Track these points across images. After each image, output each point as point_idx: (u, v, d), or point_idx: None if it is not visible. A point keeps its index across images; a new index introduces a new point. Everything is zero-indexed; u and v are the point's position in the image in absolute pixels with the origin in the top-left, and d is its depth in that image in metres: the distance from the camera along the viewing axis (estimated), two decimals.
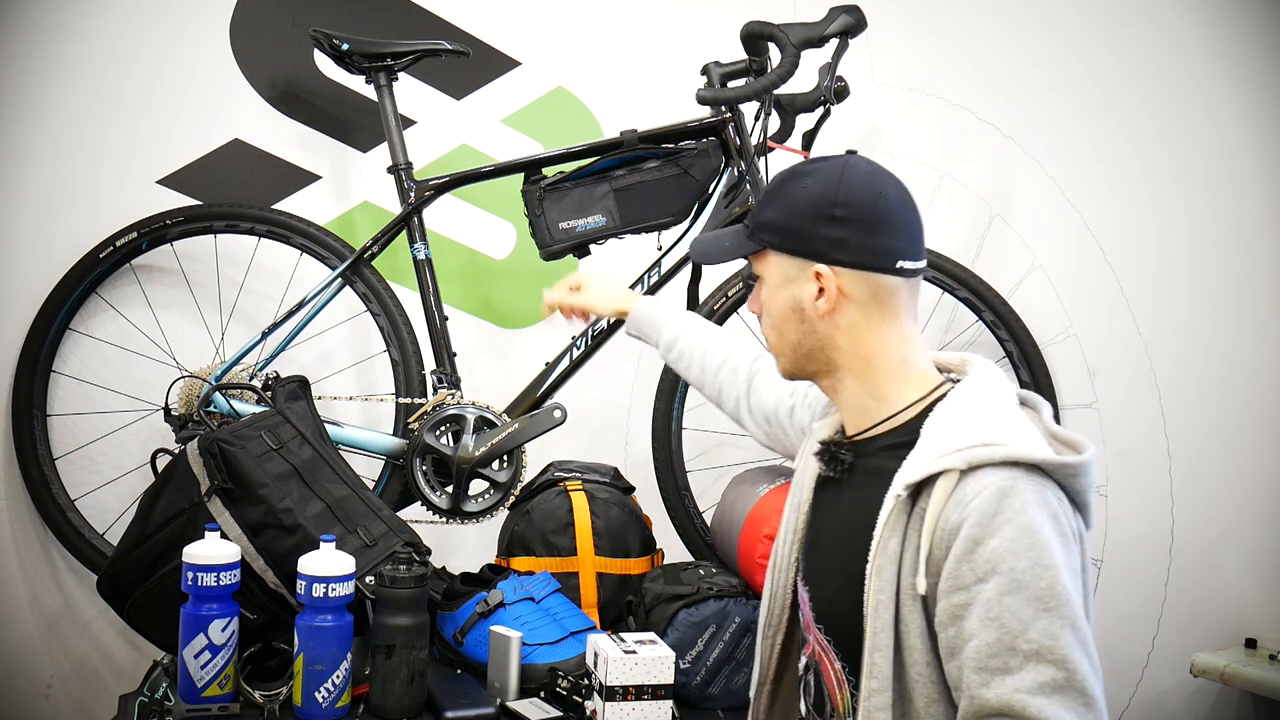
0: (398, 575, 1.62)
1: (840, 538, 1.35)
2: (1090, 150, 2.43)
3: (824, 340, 1.36)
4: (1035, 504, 1.18)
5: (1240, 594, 2.31)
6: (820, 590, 1.39)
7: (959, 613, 1.18)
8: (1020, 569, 1.15)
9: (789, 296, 1.37)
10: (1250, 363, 2.31)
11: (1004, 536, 1.16)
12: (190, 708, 1.58)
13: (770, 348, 1.44)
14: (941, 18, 2.59)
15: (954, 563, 1.18)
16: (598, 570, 2.00)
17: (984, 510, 1.17)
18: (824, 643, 1.37)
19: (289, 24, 2.38)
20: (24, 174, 2.25)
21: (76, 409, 2.28)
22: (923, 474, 1.22)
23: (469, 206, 2.51)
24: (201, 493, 1.69)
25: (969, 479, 1.19)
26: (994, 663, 1.14)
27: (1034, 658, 1.13)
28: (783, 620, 1.48)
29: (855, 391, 1.37)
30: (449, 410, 2.17)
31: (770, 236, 1.39)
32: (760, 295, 1.44)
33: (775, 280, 1.39)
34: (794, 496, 1.48)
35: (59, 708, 2.29)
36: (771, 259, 1.40)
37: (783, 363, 1.44)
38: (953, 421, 1.27)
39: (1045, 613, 1.14)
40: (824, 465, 1.41)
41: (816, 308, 1.35)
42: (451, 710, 1.62)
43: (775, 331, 1.42)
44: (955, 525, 1.18)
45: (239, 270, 2.35)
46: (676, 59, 2.40)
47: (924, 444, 1.26)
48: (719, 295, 2.27)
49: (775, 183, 1.41)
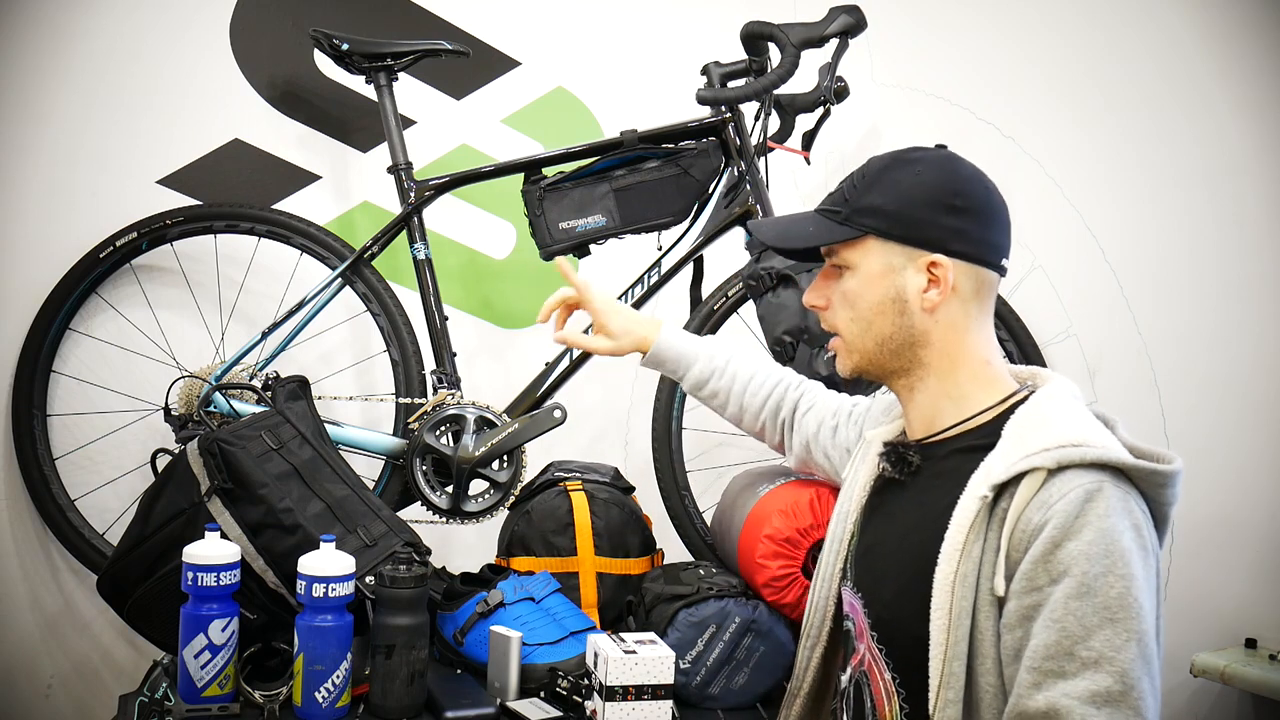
0: (398, 575, 1.62)
1: (904, 542, 1.30)
2: (1090, 150, 2.43)
3: (918, 336, 1.31)
4: (1119, 510, 1.15)
5: (1240, 594, 2.31)
6: (876, 596, 1.34)
7: (1029, 614, 1.15)
8: (1093, 574, 1.11)
9: (890, 287, 1.31)
10: (1250, 362, 2.31)
11: (1082, 539, 1.13)
12: (190, 708, 1.58)
13: (844, 342, 1.38)
14: (941, 18, 2.59)
15: (1030, 563, 1.15)
16: (598, 570, 1.99)
17: (1068, 512, 1.14)
18: (875, 652, 1.32)
19: (289, 24, 2.38)
20: (24, 174, 2.25)
21: (76, 409, 2.28)
22: (1010, 473, 1.19)
23: (469, 206, 2.51)
24: (201, 493, 1.69)
25: (1055, 480, 1.16)
26: (1049, 665, 1.11)
27: (1092, 666, 1.10)
28: (823, 633, 1.44)
29: (934, 392, 1.33)
30: (449, 410, 2.17)
31: (875, 221, 1.31)
32: (835, 287, 1.36)
33: (874, 270, 1.32)
34: (842, 505, 1.44)
35: (59, 708, 2.29)
36: (870, 247, 1.32)
37: (856, 359, 1.37)
38: (1038, 423, 1.23)
39: (1111, 622, 1.11)
40: (890, 466, 1.35)
41: (924, 300, 1.30)
42: (451, 710, 1.61)
43: (860, 324, 1.34)
44: (1037, 526, 1.15)
45: (239, 270, 2.35)
46: (676, 59, 2.40)
47: (1006, 445, 1.23)
48: (719, 295, 2.27)
49: (874, 168, 1.35)
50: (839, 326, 1.37)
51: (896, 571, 1.29)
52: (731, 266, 2.28)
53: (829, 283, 1.38)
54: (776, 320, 2.05)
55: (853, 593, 1.38)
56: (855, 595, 1.38)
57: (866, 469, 1.43)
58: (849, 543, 1.41)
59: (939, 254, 1.29)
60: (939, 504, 1.25)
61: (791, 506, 1.75)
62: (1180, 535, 2.35)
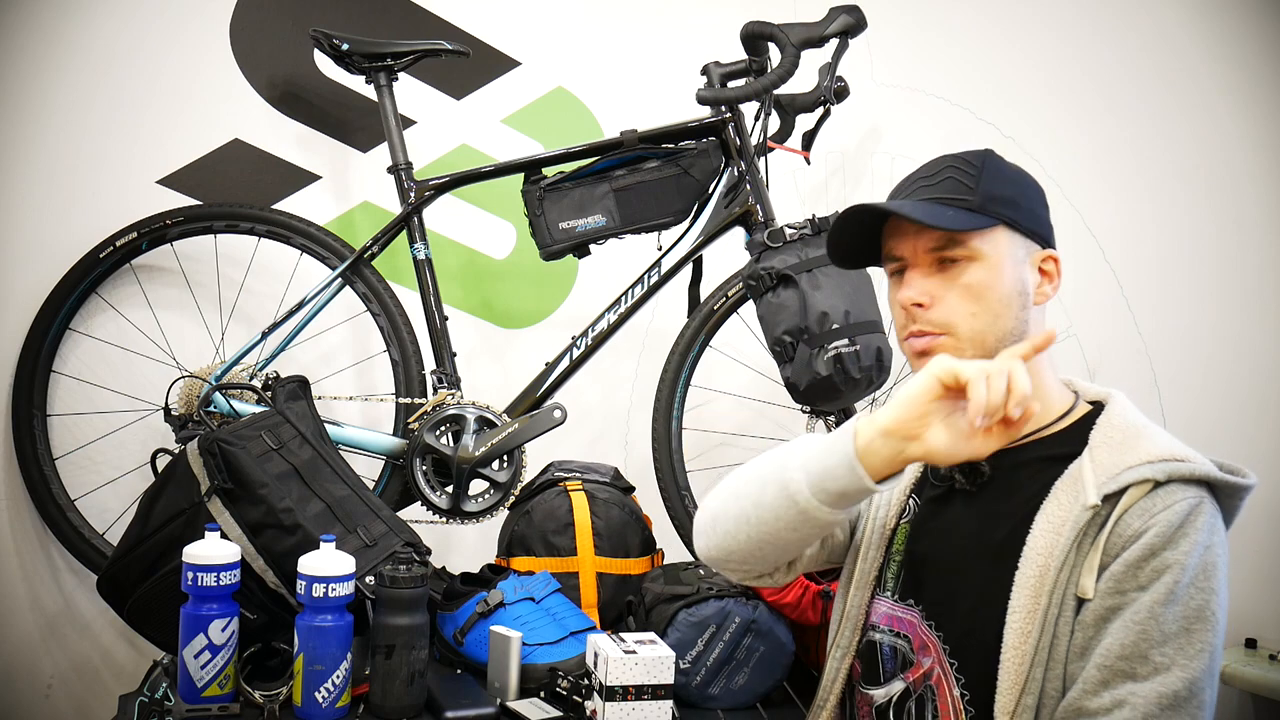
0: (398, 575, 1.62)
1: (981, 552, 1.26)
2: (1090, 150, 2.43)
3: (1027, 332, 1.28)
4: (1213, 527, 1.17)
5: (1240, 594, 2.30)
6: (949, 611, 1.29)
7: (1107, 615, 1.16)
8: (1182, 584, 1.13)
9: (1018, 278, 1.28)
10: (1251, 363, 2.31)
11: (1180, 550, 1.14)
12: (190, 708, 1.58)
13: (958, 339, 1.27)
14: (941, 18, 2.59)
15: (1122, 566, 1.16)
16: (598, 570, 2.00)
17: (1170, 522, 1.15)
18: (947, 668, 1.28)
19: (289, 24, 2.38)
20: (24, 174, 2.25)
21: (76, 409, 2.28)
22: (1119, 484, 1.18)
23: (469, 206, 2.51)
24: (201, 493, 1.69)
25: (1160, 490, 1.17)
26: (1121, 664, 1.13)
27: (1164, 670, 1.12)
28: (854, 643, 1.40)
29: None
30: (449, 410, 2.17)
31: (1008, 211, 1.28)
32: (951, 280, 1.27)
33: (1005, 260, 1.27)
34: (878, 509, 1.40)
35: (59, 708, 2.29)
36: (1001, 237, 1.28)
37: (969, 356, 1.25)
38: (1127, 435, 1.23)
39: (1188, 632, 1.13)
40: (962, 477, 1.31)
41: (1040, 294, 1.29)
42: (451, 710, 1.61)
43: (986, 317, 1.26)
44: (1135, 533, 1.16)
45: (239, 270, 2.35)
46: (676, 59, 2.40)
47: (1098, 455, 1.22)
48: (719, 295, 2.27)
49: (976, 159, 1.32)
50: (955, 322, 1.27)
51: (970, 583, 1.26)
52: (731, 266, 2.28)
53: (933, 278, 1.28)
54: (776, 320, 2.05)
55: (904, 607, 1.34)
56: (909, 610, 1.33)
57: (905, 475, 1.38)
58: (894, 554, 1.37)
59: (1050, 248, 1.31)
60: (1019, 512, 1.23)
61: None
62: None
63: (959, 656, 1.27)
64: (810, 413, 2.26)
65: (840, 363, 1.97)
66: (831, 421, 2.27)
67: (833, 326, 1.98)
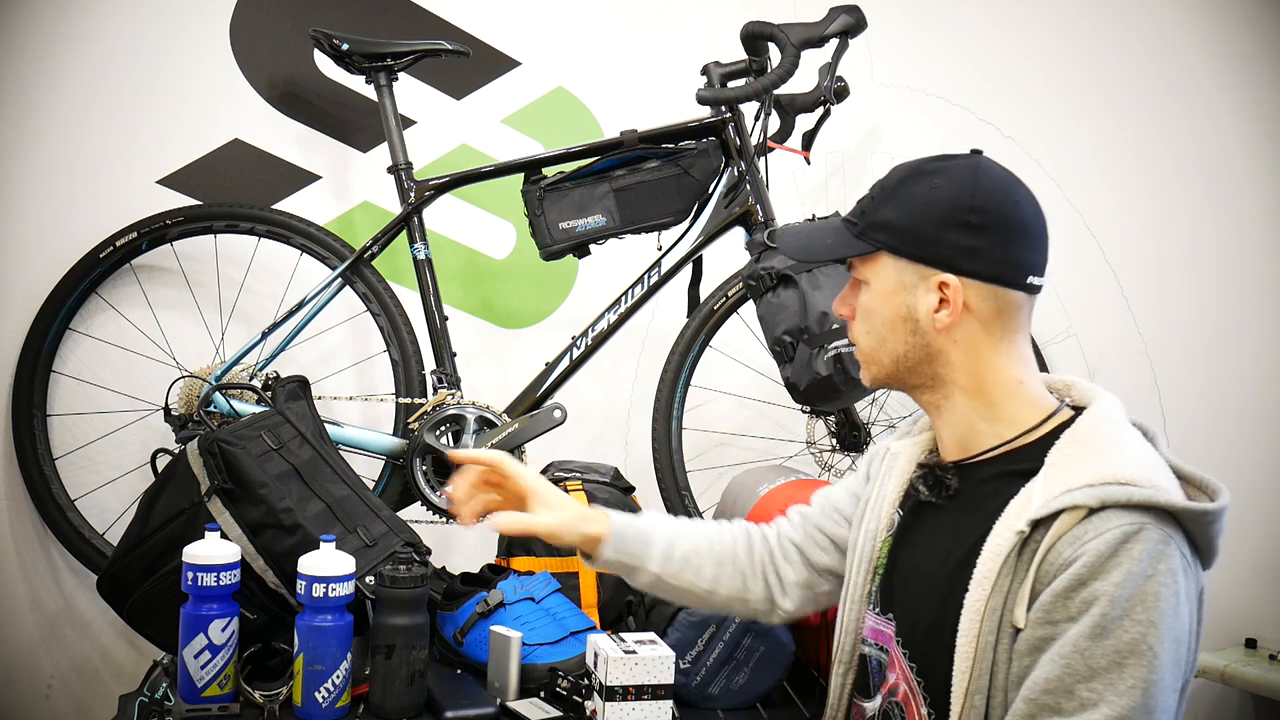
0: (398, 575, 1.62)
1: (940, 568, 1.25)
2: (1090, 150, 2.43)
3: (935, 354, 1.26)
4: (1154, 555, 1.09)
5: (1240, 594, 2.31)
6: (914, 625, 1.28)
7: (1039, 646, 1.12)
8: (1112, 616, 1.07)
9: (902, 305, 1.26)
10: (1250, 363, 2.31)
11: (1109, 580, 1.08)
12: (190, 708, 1.57)
13: (862, 354, 1.32)
14: (941, 18, 2.59)
15: (1051, 596, 1.11)
16: (598, 570, 1.99)
17: (1100, 552, 1.09)
18: (914, 685, 1.26)
19: (289, 24, 2.37)
20: (24, 174, 2.25)
21: (76, 409, 2.28)
22: (1049, 509, 1.13)
23: (469, 206, 2.51)
24: (201, 493, 1.69)
25: (1094, 517, 1.11)
26: (1047, 699, 1.09)
27: (1089, 707, 1.07)
28: (854, 657, 1.38)
29: (964, 411, 1.27)
30: (449, 410, 2.17)
31: (887, 238, 1.25)
32: (857, 298, 1.31)
33: (887, 286, 1.26)
34: (868, 523, 1.38)
35: (59, 708, 2.29)
36: (883, 262, 1.27)
37: (875, 370, 1.31)
38: (1086, 453, 1.17)
39: (1119, 667, 1.07)
40: (926, 489, 1.30)
41: (935, 320, 1.24)
42: (451, 710, 1.61)
43: (875, 339, 1.29)
44: (1065, 561, 1.11)
45: (239, 270, 2.35)
46: (676, 59, 2.40)
47: (1050, 474, 1.17)
48: (719, 295, 2.27)
49: (894, 179, 1.28)
50: (858, 339, 1.32)
51: (932, 602, 1.24)
52: (731, 266, 2.28)
53: (853, 293, 1.32)
54: (776, 320, 2.05)
55: (884, 619, 1.33)
56: (887, 622, 1.32)
57: (894, 485, 1.37)
58: (878, 568, 1.36)
59: (949, 274, 1.23)
60: (975, 530, 1.21)
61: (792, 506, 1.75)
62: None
63: (924, 675, 1.25)
64: (810, 413, 2.27)
65: (840, 363, 1.97)
66: (832, 422, 2.27)
67: (833, 326, 1.98)
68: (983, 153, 1.29)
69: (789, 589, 1.48)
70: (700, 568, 1.47)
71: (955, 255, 1.23)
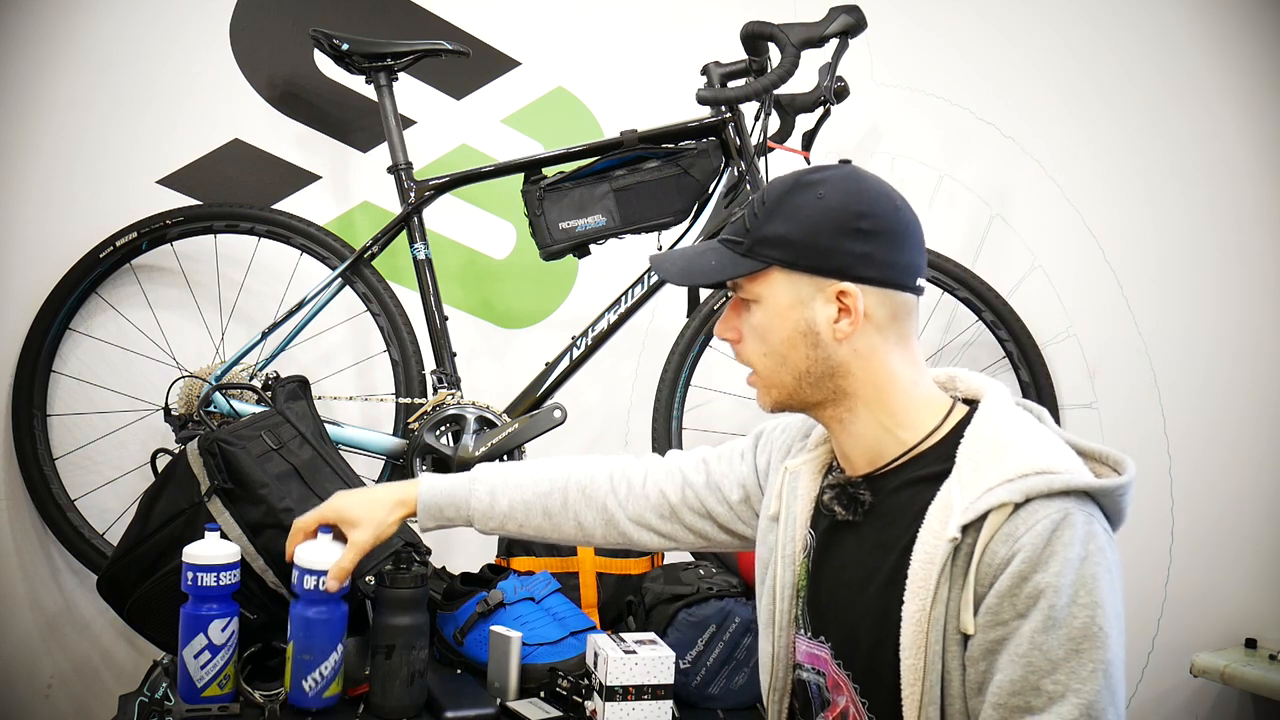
0: (398, 575, 1.62)
1: (869, 586, 1.23)
2: (1090, 150, 2.43)
3: (836, 366, 1.24)
4: (1084, 537, 1.11)
5: (1240, 594, 2.31)
6: (853, 649, 1.26)
7: (993, 648, 1.12)
8: (1059, 605, 1.09)
9: (800, 320, 1.24)
10: (1251, 363, 2.31)
11: (1049, 571, 1.10)
12: (190, 708, 1.57)
13: (760, 378, 1.29)
14: (941, 18, 2.59)
15: (996, 597, 1.12)
16: (598, 570, 2.00)
17: (1035, 545, 1.10)
18: (860, 707, 1.25)
19: (289, 24, 2.37)
20: (24, 174, 2.25)
21: (76, 409, 2.28)
22: (976, 512, 1.14)
23: (469, 206, 2.51)
24: (201, 493, 1.69)
25: (1021, 511, 1.13)
26: (1015, 700, 1.09)
27: (1059, 699, 1.08)
28: (788, 683, 1.37)
29: (868, 422, 1.26)
30: (449, 410, 2.17)
31: (779, 253, 1.23)
32: (745, 320, 1.28)
33: (782, 302, 1.24)
34: (782, 547, 1.35)
35: (59, 708, 2.29)
36: (776, 279, 1.24)
37: (775, 394, 1.28)
38: (994, 448, 1.18)
39: (1077, 654, 1.08)
40: (842, 509, 1.27)
41: (835, 330, 1.22)
42: (451, 710, 1.61)
43: (774, 359, 1.26)
44: (1003, 560, 1.12)
45: (239, 270, 2.35)
46: (676, 59, 2.40)
47: (964, 474, 1.17)
48: (719, 295, 2.27)
49: (774, 195, 1.26)
50: (753, 361, 1.29)
51: (868, 620, 1.23)
52: None
53: (739, 315, 1.29)
54: None
55: (816, 643, 1.31)
56: (821, 646, 1.30)
57: (802, 504, 1.34)
58: (799, 591, 1.33)
59: (847, 282, 1.22)
60: (899, 541, 1.20)
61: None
62: (1180, 535, 2.35)
63: (869, 696, 1.24)
64: None
65: None
66: None
67: None
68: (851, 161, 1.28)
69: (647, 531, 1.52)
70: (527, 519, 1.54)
71: (851, 263, 1.22)
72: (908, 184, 1.36)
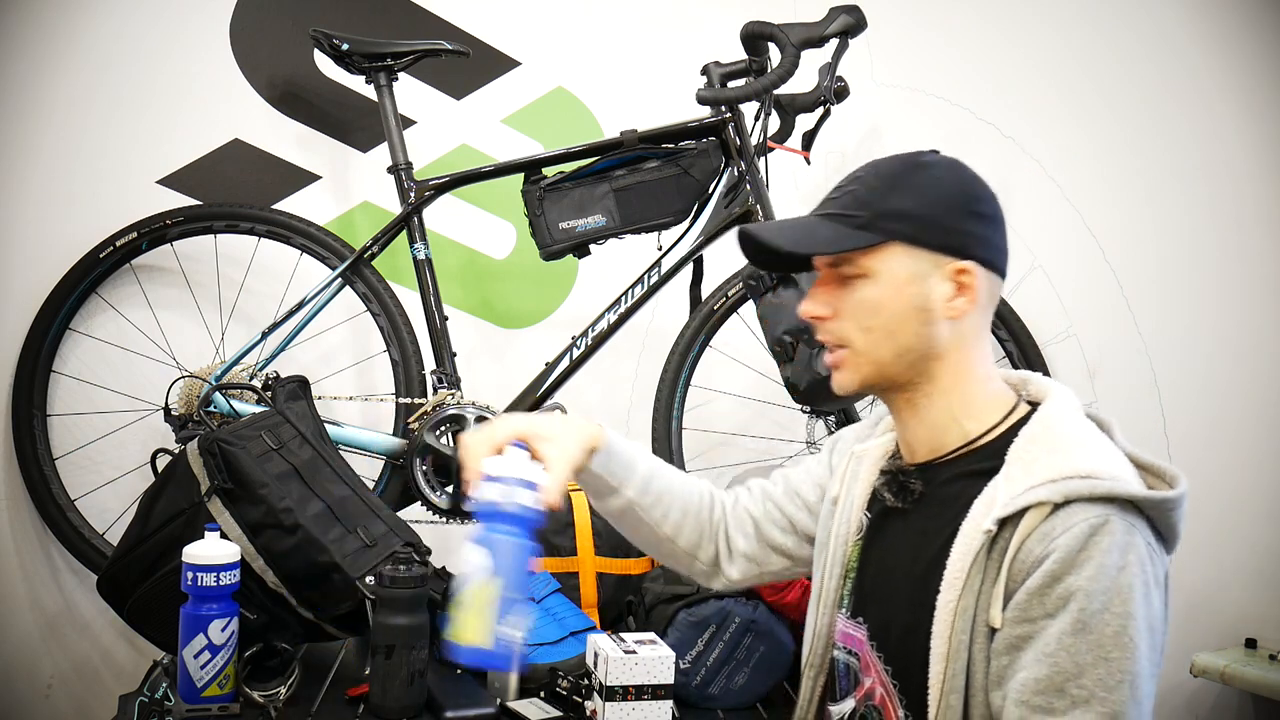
0: (398, 575, 1.62)
1: (909, 573, 1.24)
2: (1090, 150, 2.43)
3: (934, 347, 1.24)
4: (1123, 546, 1.10)
5: (1240, 594, 2.31)
6: (887, 631, 1.27)
7: (1017, 644, 1.12)
8: (1091, 610, 1.08)
9: (916, 294, 1.22)
10: (1250, 363, 2.31)
11: (1083, 574, 1.09)
12: (190, 708, 1.58)
13: (854, 354, 1.26)
14: (941, 18, 2.58)
15: (1026, 594, 1.12)
16: (598, 570, 2.00)
17: (1070, 546, 1.10)
18: (890, 688, 1.25)
19: (289, 24, 2.37)
20: (24, 174, 2.25)
21: (76, 409, 2.28)
22: (1015, 507, 1.13)
23: (469, 206, 2.51)
24: (201, 493, 1.69)
25: (1060, 512, 1.12)
26: (1038, 700, 1.09)
27: (1082, 704, 1.07)
28: (824, 660, 1.37)
29: (941, 410, 1.26)
30: (449, 410, 2.17)
31: (903, 226, 1.22)
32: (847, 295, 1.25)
33: (900, 276, 1.22)
34: (837, 527, 1.37)
35: (59, 708, 2.29)
36: (895, 253, 1.23)
37: (866, 372, 1.26)
38: (1045, 449, 1.18)
39: (1105, 661, 1.08)
40: (892, 496, 1.28)
41: (950, 309, 1.22)
42: (451, 710, 1.61)
43: (879, 334, 1.24)
44: (1037, 559, 1.12)
45: (239, 270, 2.35)
46: (676, 59, 2.39)
47: (1011, 472, 1.17)
48: (719, 295, 2.27)
49: (887, 172, 1.27)
50: (850, 337, 1.26)
51: (904, 604, 1.24)
52: (731, 266, 2.27)
53: (834, 291, 1.27)
54: (777, 320, 2.05)
55: (855, 624, 1.32)
56: (859, 627, 1.31)
57: (861, 488, 1.36)
58: (849, 572, 1.35)
59: (967, 260, 1.22)
60: (942, 532, 1.21)
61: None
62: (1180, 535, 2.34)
63: (900, 678, 1.25)
64: (810, 413, 2.26)
65: None
66: (831, 422, 2.27)
67: None
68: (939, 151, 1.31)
69: (736, 558, 1.47)
70: (669, 509, 1.43)
71: (970, 243, 1.23)
72: None
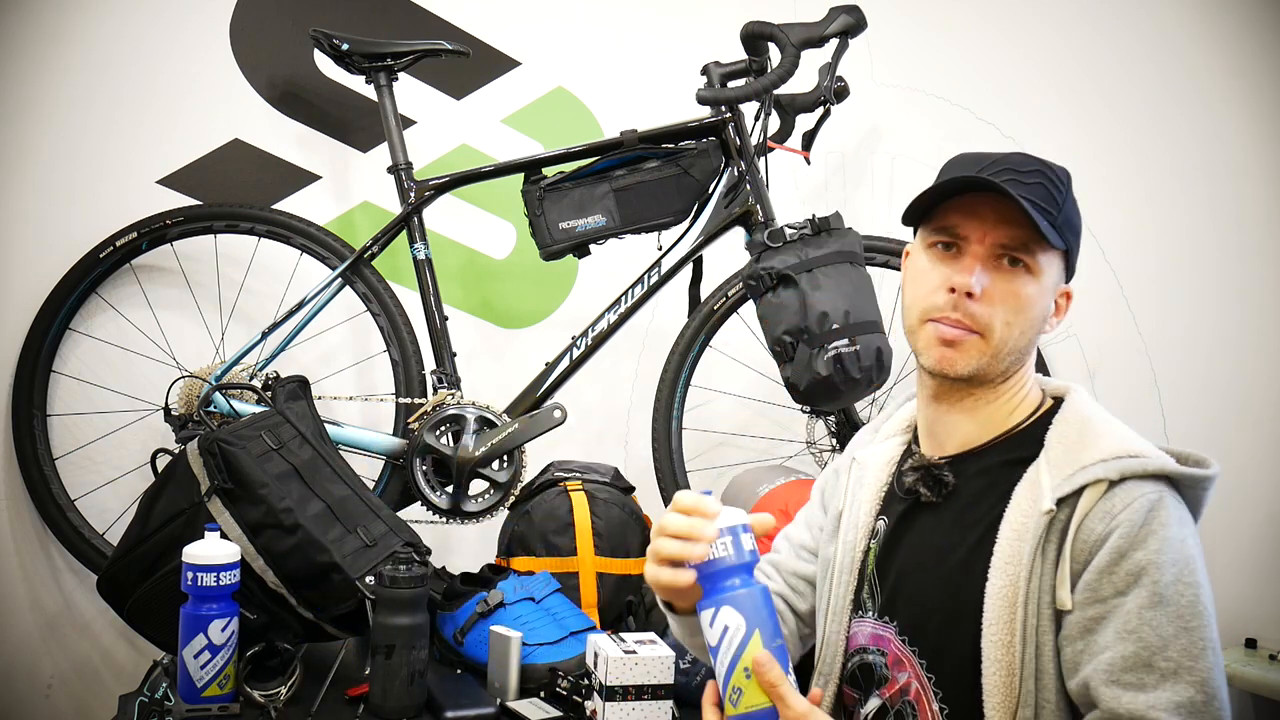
0: (398, 575, 1.62)
1: (946, 565, 1.25)
2: (1090, 150, 2.43)
3: (1030, 354, 1.29)
4: (1179, 520, 1.14)
5: (1240, 594, 2.31)
6: (923, 623, 1.27)
7: (1091, 626, 1.13)
8: (1164, 583, 1.10)
9: (1048, 305, 1.28)
10: (1250, 363, 2.31)
11: (1149, 549, 1.11)
12: (190, 708, 1.58)
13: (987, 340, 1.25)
14: (941, 18, 2.58)
15: (1094, 574, 1.13)
16: (598, 570, 2.00)
17: (1133, 521, 1.12)
18: (925, 681, 1.26)
19: (289, 24, 2.38)
20: (24, 174, 2.25)
21: (76, 409, 2.28)
22: (1073, 486, 1.16)
23: (469, 206, 2.51)
24: (201, 493, 1.69)
25: (1117, 490, 1.15)
26: (1128, 677, 1.10)
27: (1172, 676, 1.09)
28: (836, 668, 1.38)
29: (1000, 405, 1.28)
30: (449, 410, 2.17)
31: (1073, 241, 1.28)
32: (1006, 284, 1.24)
33: (1050, 284, 1.27)
34: (844, 535, 1.37)
35: (59, 708, 2.29)
36: (1055, 261, 1.27)
37: (989, 359, 1.25)
38: (1088, 433, 1.21)
39: (1186, 631, 1.09)
40: (927, 490, 1.29)
41: (1050, 323, 1.29)
42: (451, 710, 1.62)
43: (1018, 329, 1.25)
44: (1100, 537, 1.14)
45: (239, 270, 2.35)
46: (676, 59, 2.40)
47: (1053, 455, 1.20)
48: (719, 295, 2.27)
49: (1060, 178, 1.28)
50: (992, 323, 1.24)
51: (941, 597, 1.25)
52: (731, 266, 2.28)
53: (995, 275, 1.25)
54: (777, 320, 2.05)
55: (882, 624, 1.32)
56: (886, 627, 1.31)
57: (869, 493, 1.37)
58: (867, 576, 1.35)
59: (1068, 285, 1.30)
60: (982, 520, 1.22)
61: (792, 506, 1.75)
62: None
63: (936, 671, 1.25)
64: (810, 413, 2.27)
65: (840, 363, 1.97)
66: (831, 422, 2.27)
67: (833, 326, 1.98)
68: None
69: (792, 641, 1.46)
70: None
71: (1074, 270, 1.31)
72: (907, 184, 1.37)
